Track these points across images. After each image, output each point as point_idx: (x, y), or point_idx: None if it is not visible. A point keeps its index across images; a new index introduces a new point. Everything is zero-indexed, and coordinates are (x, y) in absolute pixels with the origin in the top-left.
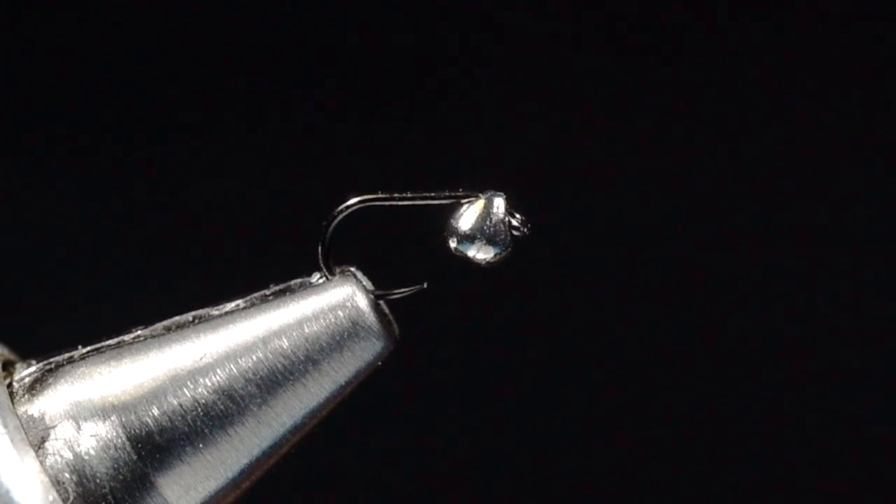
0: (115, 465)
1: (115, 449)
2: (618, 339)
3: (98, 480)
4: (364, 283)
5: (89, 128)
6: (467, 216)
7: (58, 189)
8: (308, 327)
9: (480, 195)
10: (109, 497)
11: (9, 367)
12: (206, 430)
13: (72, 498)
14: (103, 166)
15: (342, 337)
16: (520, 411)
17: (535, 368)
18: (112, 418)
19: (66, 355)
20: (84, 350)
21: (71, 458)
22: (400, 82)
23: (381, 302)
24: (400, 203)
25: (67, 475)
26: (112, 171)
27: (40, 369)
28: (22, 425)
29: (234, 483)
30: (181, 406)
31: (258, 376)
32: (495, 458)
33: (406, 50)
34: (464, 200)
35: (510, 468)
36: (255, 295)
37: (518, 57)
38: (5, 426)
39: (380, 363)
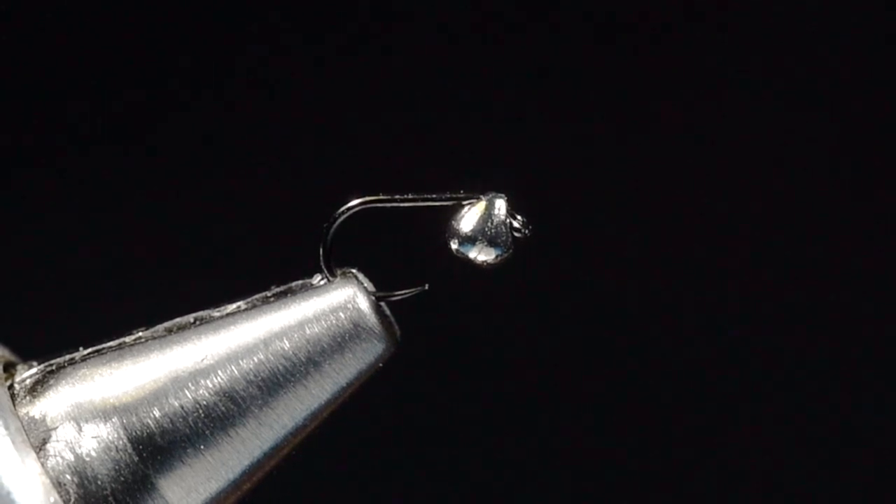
0: (117, 467)
1: (117, 450)
2: (619, 340)
3: (99, 482)
4: (365, 285)
5: (89, 129)
6: (469, 217)
7: (58, 190)
8: (309, 329)
9: (482, 196)
10: (111, 499)
11: (10, 368)
12: (207, 432)
13: (73, 499)
14: (104, 167)
15: (343, 338)
16: (521, 412)
17: (536, 370)
18: (113, 420)
19: (68, 357)
20: (85, 352)
21: (72, 459)
22: (401, 82)
23: (383, 303)
24: (401, 204)
25: (69, 477)
26: (113, 172)
27: (41, 371)
28: (23, 427)
29: (236, 484)
30: (182, 407)
31: (259, 378)
32: (496, 460)
33: (407, 50)
34: (465, 202)
35: (510, 469)
36: (257, 296)
37: (519, 58)
38: (6, 428)
39: (381, 365)
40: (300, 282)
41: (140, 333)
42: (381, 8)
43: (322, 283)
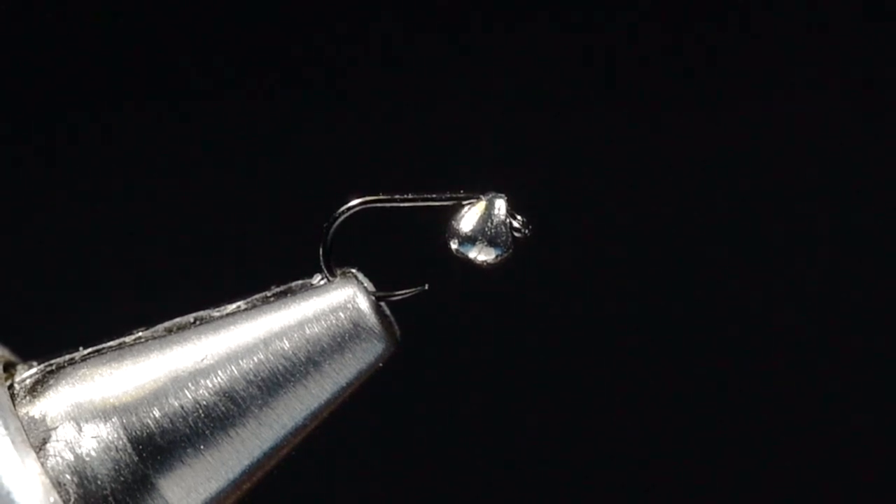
0: (117, 467)
1: (117, 450)
2: (619, 339)
3: (99, 482)
4: (365, 285)
5: (89, 128)
6: (468, 217)
7: (59, 189)
8: (309, 329)
9: (482, 196)
10: (110, 499)
11: (10, 368)
12: (207, 432)
13: (73, 499)
14: (104, 167)
15: (343, 338)
16: (520, 412)
17: (536, 369)
18: (113, 420)
19: (68, 357)
20: (85, 351)
21: (72, 459)
22: (402, 82)
23: (383, 303)
24: (401, 204)
25: (68, 476)
26: (113, 172)
27: (41, 371)
28: (23, 427)
29: (235, 484)
30: (182, 407)
31: (259, 378)
32: (496, 459)
33: (407, 50)
34: (465, 202)
35: (510, 469)
36: (257, 296)
37: (520, 58)
38: (6, 427)
39: (381, 365)
40: (300, 282)
41: (140, 333)
42: (381, 7)
43: (322, 283)
